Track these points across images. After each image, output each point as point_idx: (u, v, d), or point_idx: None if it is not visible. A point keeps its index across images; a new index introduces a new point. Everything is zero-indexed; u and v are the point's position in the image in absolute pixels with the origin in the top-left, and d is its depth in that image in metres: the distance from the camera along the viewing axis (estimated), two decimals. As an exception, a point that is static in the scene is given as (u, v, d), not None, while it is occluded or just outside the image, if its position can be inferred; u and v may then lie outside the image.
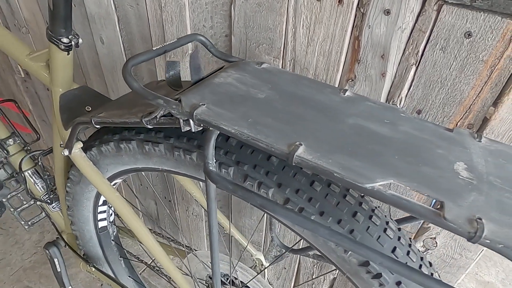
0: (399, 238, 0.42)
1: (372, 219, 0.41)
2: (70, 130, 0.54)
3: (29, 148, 0.86)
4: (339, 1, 0.49)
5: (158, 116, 0.41)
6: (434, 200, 0.58)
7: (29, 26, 0.96)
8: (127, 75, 0.39)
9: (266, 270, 0.74)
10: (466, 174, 0.32)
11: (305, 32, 0.54)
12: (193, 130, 0.39)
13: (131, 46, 0.78)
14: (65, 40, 0.52)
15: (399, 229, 0.43)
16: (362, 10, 0.48)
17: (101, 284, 1.16)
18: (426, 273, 0.41)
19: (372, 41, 0.50)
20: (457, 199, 0.29)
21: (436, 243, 0.62)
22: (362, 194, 0.44)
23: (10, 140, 0.84)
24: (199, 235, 1.09)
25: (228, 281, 0.73)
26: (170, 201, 1.08)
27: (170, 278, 0.90)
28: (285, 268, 0.92)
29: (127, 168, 0.58)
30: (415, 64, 0.48)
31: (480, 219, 0.27)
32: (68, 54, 0.55)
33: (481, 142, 0.37)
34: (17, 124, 0.89)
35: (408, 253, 0.41)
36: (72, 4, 0.81)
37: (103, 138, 0.56)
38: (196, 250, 0.73)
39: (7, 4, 0.94)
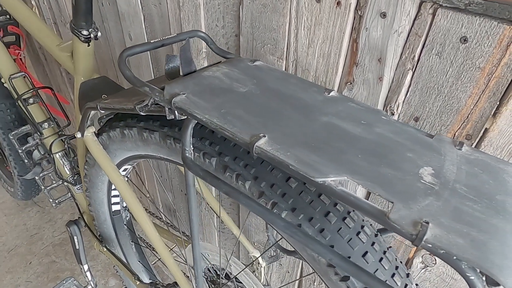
0: (373, 244, 0.41)
1: (345, 221, 0.41)
2: (82, 114, 0.59)
3: (61, 132, 0.94)
4: (337, 3, 0.49)
5: (149, 104, 0.44)
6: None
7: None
8: (121, 64, 0.42)
9: (263, 270, 0.74)
10: (429, 179, 0.31)
11: (306, 33, 0.55)
12: (176, 118, 0.41)
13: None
14: (85, 32, 0.58)
15: (376, 235, 0.42)
16: (359, 13, 0.48)
17: (114, 266, 1.23)
18: (398, 283, 0.40)
19: (369, 44, 0.49)
20: (409, 202, 0.29)
21: (435, 260, 0.59)
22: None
23: (46, 123, 0.93)
24: (211, 230, 1.12)
25: (220, 274, 0.75)
26: (185, 194, 1.12)
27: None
28: (288, 272, 0.92)
29: (132, 154, 0.62)
30: (412, 69, 0.47)
31: (427, 222, 0.27)
32: (88, 45, 0.60)
33: (461, 150, 0.36)
34: (53, 109, 0.98)
35: (380, 259, 0.40)
36: (106, 3, 0.88)
37: (112, 124, 0.60)
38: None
39: (56, 2, 1.05)
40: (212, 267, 0.77)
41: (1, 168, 1.40)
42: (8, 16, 1.10)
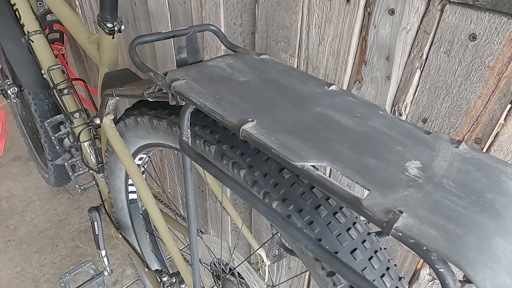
0: (363, 241, 0.40)
1: (336, 216, 0.40)
2: (101, 100, 0.63)
3: (90, 122, 1.00)
4: (347, 0, 0.49)
5: (155, 90, 0.46)
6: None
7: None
8: (131, 50, 0.45)
9: (267, 268, 0.74)
10: (414, 172, 0.30)
11: (317, 31, 0.55)
12: (178, 104, 0.43)
13: (179, 40, 0.86)
14: (109, 25, 0.62)
15: (369, 234, 0.41)
16: (368, 10, 0.48)
17: (128, 254, 1.27)
18: (388, 284, 0.38)
19: (377, 42, 0.49)
20: (387, 191, 0.28)
21: (443, 272, 0.56)
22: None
23: (77, 113, 0.99)
24: (224, 228, 1.13)
25: (222, 268, 0.75)
26: (202, 191, 1.14)
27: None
28: (296, 276, 0.90)
29: (145, 142, 0.65)
30: (420, 68, 0.46)
31: (401, 212, 0.26)
32: (112, 38, 0.64)
33: (458, 148, 0.34)
34: (85, 101, 1.05)
35: (370, 258, 0.39)
36: (137, 2, 0.93)
37: (128, 113, 0.63)
38: (203, 233, 0.77)
39: (96, 2, 1.12)
40: (218, 261, 0.78)
41: (39, 155, 1.50)
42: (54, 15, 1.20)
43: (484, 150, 0.44)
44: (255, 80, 0.43)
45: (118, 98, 0.57)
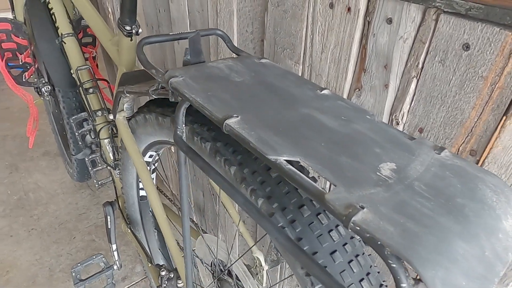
0: (344, 244, 0.40)
1: (318, 216, 0.41)
2: (114, 98, 0.67)
3: (112, 120, 1.05)
4: (348, 9, 0.50)
5: (158, 88, 0.49)
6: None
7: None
8: (139, 49, 0.48)
9: (265, 273, 0.74)
10: (387, 173, 0.31)
11: (320, 38, 0.56)
12: (177, 101, 0.45)
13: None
14: (128, 27, 0.66)
15: (352, 238, 0.41)
16: (368, 19, 0.49)
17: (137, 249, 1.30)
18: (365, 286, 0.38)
19: (376, 50, 0.49)
20: (353, 188, 0.28)
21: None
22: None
23: (99, 112, 1.04)
24: (232, 233, 1.14)
25: (217, 261, 0.76)
26: (213, 194, 1.16)
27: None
28: (297, 286, 0.90)
29: (153, 140, 0.68)
30: (416, 77, 0.46)
31: (362, 207, 0.26)
32: (130, 39, 0.69)
33: (439, 154, 0.34)
34: (109, 100, 1.11)
35: (350, 261, 0.39)
36: (161, 10, 0.98)
37: (139, 110, 0.67)
38: (205, 233, 0.78)
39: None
40: (218, 262, 0.79)
41: (66, 151, 1.59)
42: (88, 20, 1.29)
43: (480, 163, 0.43)
44: (250, 81, 0.45)
45: (128, 95, 0.60)
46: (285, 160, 0.31)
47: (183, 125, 0.44)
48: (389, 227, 0.25)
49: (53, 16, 1.05)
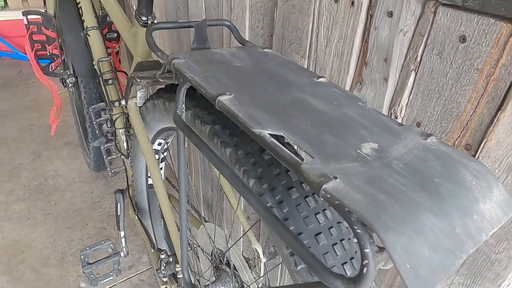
0: (330, 227, 0.40)
1: (306, 199, 0.41)
2: (126, 84, 0.70)
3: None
4: (351, 3, 0.51)
5: (164, 71, 0.52)
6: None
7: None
8: (148, 34, 0.51)
9: (262, 265, 0.75)
10: (367, 151, 0.31)
11: (325, 32, 0.57)
12: (178, 82, 0.47)
13: (211, 40, 0.93)
14: (144, 18, 0.69)
15: (339, 223, 0.41)
16: (370, 12, 0.50)
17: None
18: (348, 272, 0.38)
19: (377, 44, 0.50)
20: (330, 161, 0.29)
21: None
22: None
23: (117, 102, 1.09)
24: (237, 229, 1.15)
25: (215, 249, 0.77)
26: (221, 189, 1.18)
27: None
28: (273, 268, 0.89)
29: (162, 126, 0.71)
30: (415, 70, 0.46)
31: (335, 178, 0.27)
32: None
33: (426, 140, 0.34)
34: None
35: (334, 244, 0.39)
36: (181, 7, 1.02)
37: (150, 97, 0.70)
38: (206, 222, 0.80)
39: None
40: (215, 250, 0.80)
41: (86, 141, 1.65)
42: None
43: (475, 157, 0.43)
44: (250, 66, 0.46)
45: (139, 80, 0.63)
46: (269, 134, 0.32)
47: (183, 105, 0.46)
48: (359, 196, 0.26)
49: (80, 10, 1.11)
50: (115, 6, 0.84)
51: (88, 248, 1.14)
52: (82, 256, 1.12)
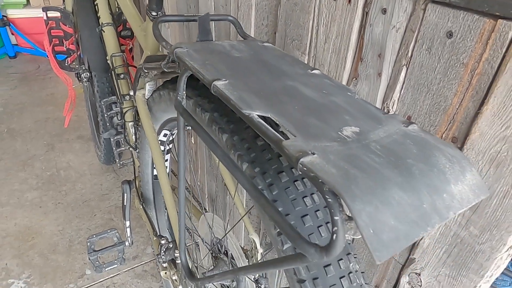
0: (317, 211, 0.42)
1: (295, 183, 0.43)
2: (135, 75, 0.73)
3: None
4: (348, 1, 0.53)
5: (169, 61, 0.55)
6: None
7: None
8: (155, 26, 0.54)
9: (259, 255, 0.77)
10: (348, 133, 0.33)
11: (324, 29, 0.60)
12: (180, 70, 0.50)
13: (219, 37, 0.96)
14: (153, 13, 0.73)
15: (326, 207, 0.43)
16: (366, 10, 0.52)
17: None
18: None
19: (372, 40, 0.52)
20: (311, 140, 0.31)
21: (421, 281, 0.55)
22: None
23: (127, 96, 1.13)
24: (239, 224, 1.18)
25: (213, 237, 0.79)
26: (225, 185, 1.20)
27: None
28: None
29: (167, 117, 0.74)
30: (406, 65, 0.48)
31: (313, 153, 0.29)
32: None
33: (407, 127, 0.36)
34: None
35: (319, 226, 0.41)
36: (192, 6, 1.06)
37: (156, 89, 0.73)
38: (207, 211, 0.82)
39: (166, 3, 1.29)
40: (216, 240, 0.82)
41: (98, 135, 1.70)
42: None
43: (461, 150, 0.44)
44: (248, 57, 0.49)
45: (146, 71, 0.66)
46: (257, 115, 0.35)
47: (184, 92, 0.49)
48: (333, 170, 0.28)
49: (96, 7, 1.15)
50: (128, 2, 0.88)
51: (94, 236, 1.18)
52: (89, 243, 1.16)
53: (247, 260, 0.75)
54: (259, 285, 0.81)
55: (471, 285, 0.47)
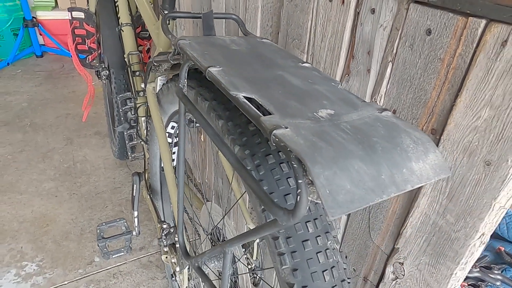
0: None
1: (281, 165, 0.47)
2: (145, 69, 0.79)
3: (150, 101, 1.19)
4: (342, 1, 0.57)
5: (174, 53, 0.60)
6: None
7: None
8: (163, 20, 0.59)
9: (256, 245, 0.80)
10: (322, 114, 0.37)
11: (321, 29, 0.63)
12: (183, 61, 0.55)
13: (228, 34, 1.01)
14: (166, 12, 0.79)
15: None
16: (357, 10, 0.55)
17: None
18: (310, 230, 0.44)
19: (362, 38, 0.56)
20: (287, 117, 0.35)
21: (404, 270, 0.57)
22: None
23: (141, 92, 1.19)
24: (242, 221, 1.21)
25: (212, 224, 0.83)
26: (231, 182, 1.24)
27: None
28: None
29: (174, 109, 0.79)
30: (392, 61, 0.52)
31: (286, 127, 0.33)
32: (168, 23, 0.81)
33: (381, 113, 0.39)
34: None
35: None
36: (205, 8, 1.12)
37: (166, 81, 0.78)
38: (208, 201, 0.87)
39: (177, 2, 1.36)
40: (216, 229, 0.86)
41: (113, 129, 1.78)
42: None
43: (439, 141, 0.47)
44: (244, 50, 0.53)
45: (155, 63, 0.72)
46: (243, 96, 0.39)
47: (185, 80, 0.53)
48: (301, 141, 0.31)
49: (117, 8, 1.23)
50: (144, 2, 0.95)
51: (104, 224, 1.24)
52: (98, 231, 1.22)
53: (243, 249, 0.78)
54: (255, 275, 0.84)
55: (448, 272, 0.49)
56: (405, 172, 0.33)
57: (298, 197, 0.30)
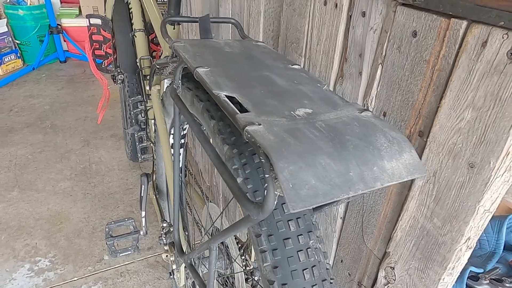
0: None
1: (266, 164, 0.48)
2: (150, 72, 0.82)
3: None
4: (335, 5, 0.58)
5: (173, 56, 0.62)
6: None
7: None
8: (162, 25, 0.61)
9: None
10: (299, 113, 0.38)
11: (317, 32, 0.64)
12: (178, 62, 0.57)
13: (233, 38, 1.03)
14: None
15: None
16: (350, 13, 0.56)
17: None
18: (293, 223, 0.44)
19: (354, 41, 0.56)
20: (263, 115, 0.36)
21: (395, 275, 0.57)
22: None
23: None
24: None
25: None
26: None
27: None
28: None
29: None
30: (382, 64, 0.52)
31: (259, 124, 0.34)
32: (173, 28, 0.84)
33: (361, 114, 0.40)
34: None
35: (283, 203, 0.45)
36: (213, 14, 1.14)
37: (170, 84, 0.81)
38: (210, 201, 0.88)
39: (187, 3, 1.40)
40: (216, 229, 0.87)
41: (125, 130, 1.83)
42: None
43: (426, 143, 0.47)
44: (237, 52, 0.55)
45: (158, 66, 0.74)
46: (224, 95, 0.40)
47: (179, 81, 0.55)
48: (271, 137, 0.32)
49: (131, 15, 1.28)
50: (154, 9, 0.98)
51: (113, 223, 1.28)
52: (107, 229, 1.25)
53: (238, 248, 0.79)
54: (253, 276, 0.84)
55: (436, 277, 0.48)
56: (375, 170, 0.33)
57: (265, 191, 0.31)
